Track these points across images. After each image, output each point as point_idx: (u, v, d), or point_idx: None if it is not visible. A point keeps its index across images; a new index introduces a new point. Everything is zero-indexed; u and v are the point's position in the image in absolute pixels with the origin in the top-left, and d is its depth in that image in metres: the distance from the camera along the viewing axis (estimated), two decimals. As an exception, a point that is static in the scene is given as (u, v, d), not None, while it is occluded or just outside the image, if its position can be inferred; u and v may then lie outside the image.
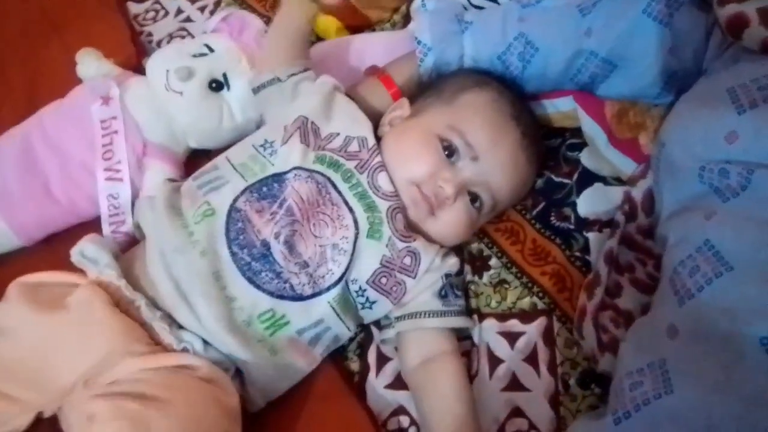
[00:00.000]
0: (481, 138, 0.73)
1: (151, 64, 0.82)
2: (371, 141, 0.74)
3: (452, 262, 0.74)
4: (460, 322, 0.72)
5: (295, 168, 0.70)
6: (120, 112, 0.79)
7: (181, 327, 0.65)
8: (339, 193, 0.70)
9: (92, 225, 0.78)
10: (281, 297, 0.66)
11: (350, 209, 0.69)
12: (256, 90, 0.79)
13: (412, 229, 0.72)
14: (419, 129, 0.75)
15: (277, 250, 0.66)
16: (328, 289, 0.67)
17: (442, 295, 0.71)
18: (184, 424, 0.58)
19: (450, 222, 0.73)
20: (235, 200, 0.68)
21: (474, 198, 0.74)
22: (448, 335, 0.71)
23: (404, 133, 0.76)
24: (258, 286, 0.65)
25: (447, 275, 0.73)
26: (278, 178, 0.70)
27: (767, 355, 0.49)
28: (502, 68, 0.79)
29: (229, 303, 0.65)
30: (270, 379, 0.66)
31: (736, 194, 0.57)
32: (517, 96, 0.79)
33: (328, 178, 0.70)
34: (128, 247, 0.75)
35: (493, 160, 0.73)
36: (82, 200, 0.78)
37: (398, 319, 0.71)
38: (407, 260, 0.70)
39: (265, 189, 0.69)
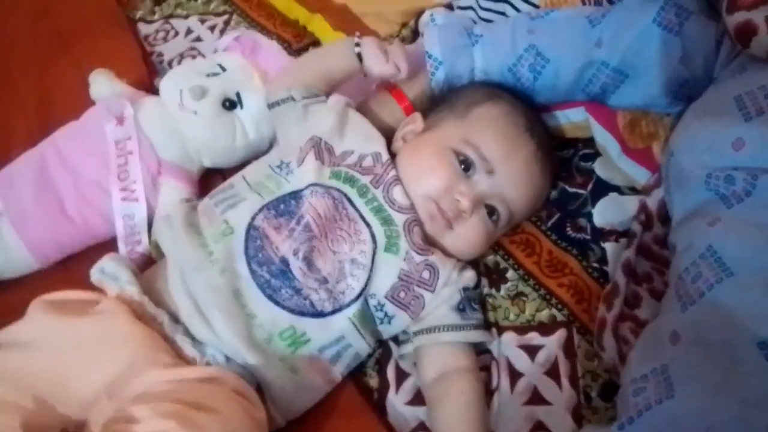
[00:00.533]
0: (495, 151, 0.73)
1: (165, 83, 0.83)
2: (385, 156, 0.74)
3: (469, 276, 0.73)
4: (477, 336, 0.71)
5: (311, 185, 0.70)
6: (134, 132, 0.79)
7: (201, 343, 0.65)
8: (355, 208, 0.70)
9: (107, 245, 0.78)
10: (301, 314, 0.66)
11: (367, 224, 0.69)
12: (270, 106, 0.79)
13: (429, 243, 0.71)
14: (433, 143, 0.75)
15: (296, 266, 0.66)
16: (349, 304, 0.67)
17: (460, 308, 0.71)
18: (228, 429, 0.57)
19: (467, 235, 0.73)
20: (253, 218, 0.68)
21: (491, 211, 0.74)
22: (465, 350, 0.71)
23: (419, 148, 0.76)
24: (278, 303, 0.65)
25: (464, 289, 0.72)
26: (295, 195, 0.70)
27: (765, 359, 0.49)
28: (513, 80, 0.79)
29: (249, 321, 0.65)
30: (290, 398, 0.66)
31: (740, 200, 0.58)
32: (529, 108, 0.80)
33: (344, 194, 0.70)
34: (144, 266, 0.75)
35: (509, 172, 0.73)
36: (96, 219, 0.79)
37: (416, 333, 0.71)
38: (425, 274, 0.70)
39: (282, 206, 0.69)
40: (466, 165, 0.73)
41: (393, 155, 0.76)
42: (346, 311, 0.67)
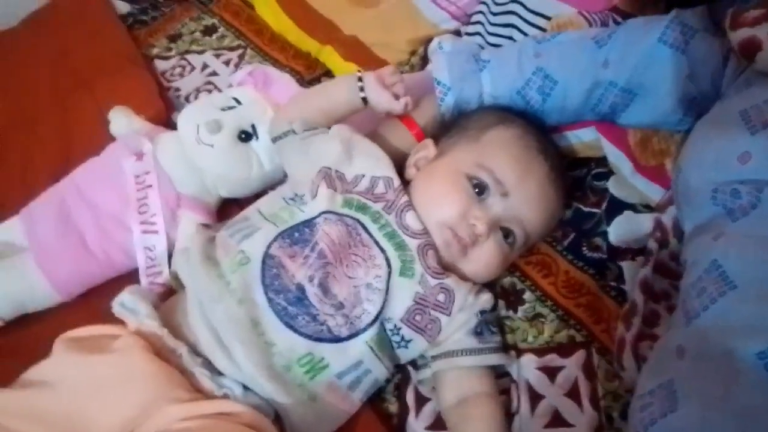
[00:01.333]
0: (509, 174, 0.73)
1: (182, 119, 0.85)
2: (396, 181, 0.75)
3: (485, 299, 0.73)
4: (496, 359, 0.71)
5: (324, 212, 0.71)
6: (153, 166, 0.81)
7: (220, 374, 0.65)
8: (369, 234, 0.71)
9: (129, 278, 0.80)
10: (319, 340, 0.66)
11: (381, 249, 0.70)
12: (273, 140, 0.81)
13: (445, 268, 0.72)
14: (447, 169, 0.75)
15: (312, 293, 0.67)
16: (365, 329, 0.67)
17: (478, 332, 0.71)
18: None
19: (484, 259, 0.73)
20: (268, 247, 0.69)
21: (506, 233, 0.74)
22: (484, 374, 0.71)
23: (432, 174, 0.77)
24: (295, 330, 0.66)
25: (481, 312, 0.72)
26: (308, 223, 0.71)
27: (765, 370, 0.49)
28: (523, 103, 0.80)
29: (268, 349, 0.65)
30: (310, 426, 0.66)
31: (746, 214, 0.58)
32: (541, 130, 0.80)
33: (357, 220, 0.71)
34: (166, 297, 0.76)
35: (524, 194, 0.74)
36: (117, 253, 0.80)
37: (434, 358, 0.71)
38: (441, 297, 0.70)
39: (296, 234, 0.70)
40: (480, 188, 0.73)
41: (405, 182, 0.77)
42: (363, 336, 0.67)
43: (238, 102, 0.85)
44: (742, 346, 0.51)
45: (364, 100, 0.79)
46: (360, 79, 0.79)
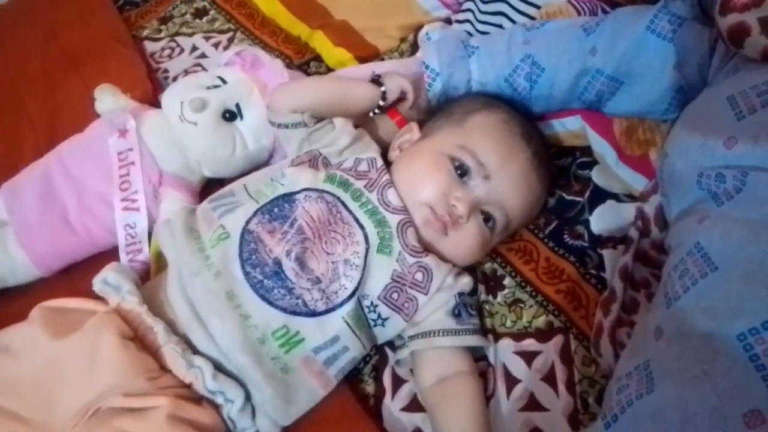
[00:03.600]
0: (492, 157, 0.74)
1: (166, 96, 0.84)
2: (379, 161, 0.75)
3: (465, 281, 0.74)
4: (474, 340, 0.71)
5: (304, 189, 0.71)
6: (136, 143, 0.81)
7: (195, 352, 0.65)
8: (349, 211, 0.71)
9: (109, 255, 0.80)
10: (294, 313, 0.66)
11: (361, 226, 0.70)
12: (278, 126, 0.78)
13: (425, 248, 0.72)
14: (430, 150, 0.76)
15: (289, 267, 0.67)
16: (342, 304, 0.67)
17: (456, 314, 0.71)
18: None
19: (463, 241, 0.73)
20: (248, 222, 0.69)
21: (487, 217, 0.74)
22: (463, 354, 0.71)
23: (415, 155, 0.77)
24: (271, 303, 0.66)
25: (460, 294, 0.73)
26: (288, 198, 0.71)
27: (744, 351, 0.49)
28: (510, 90, 0.80)
29: (243, 321, 0.65)
30: (282, 401, 0.65)
31: (730, 198, 0.58)
32: (525, 117, 0.80)
33: (338, 197, 0.71)
34: (145, 275, 0.76)
35: (506, 178, 0.74)
36: (98, 231, 0.80)
37: (411, 338, 0.71)
38: (418, 276, 0.70)
39: (276, 210, 0.70)
40: (462, 170, 0.73)
41: (388, 164, 0.77)
42: (340, 311, 0.67)
43: (224, 81, 0.84)
44: (723, 328, 0.51)
45: (374, 111, 0.80)
46: (384, 96, 0.79)
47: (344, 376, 0.70)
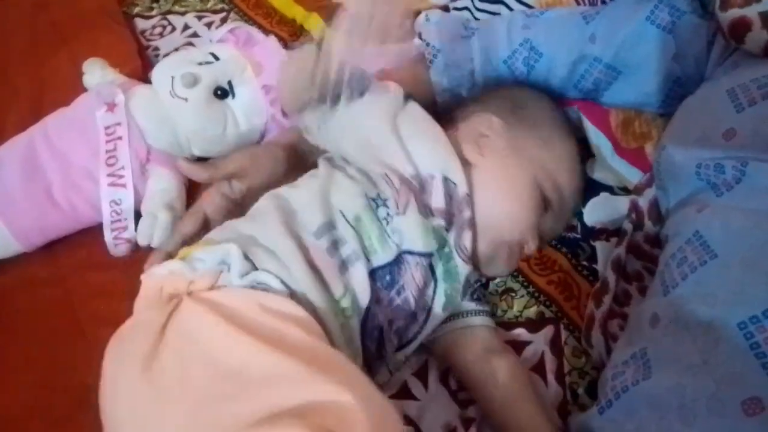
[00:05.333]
0: (567, 195, 0.72)
1: (157, 71, 0.83)
2: (462, 189, 0.64)
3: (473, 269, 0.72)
4: (491, 322, 0.71)
5: (415, 253, 0.61)
6: (125, 118, 0.79)
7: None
8: (434, 276, 0.63)
9: (94, 231, 0.78)
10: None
11: (435, 279, 0.63)
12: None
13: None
14: (524, 175, 0.68)
15: (389, 337, 0.61)
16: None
17: (475, 297, 0.71)
18: None
19: (511, 266, 0.73)
20: (371, 293, 0.59)
21: None
22: (495, 333, 0.70)
23: (507, 176, 0.67)
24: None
25: (477, 281, 0.72)
26: (400, 258, 0.61)
27: (745, 339, 0.48)
28: (508, 73, 0.79)
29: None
30: None
31: (730, 188, 0.57)
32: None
33: (431, 258, 0.62)
34: (130, 253, 0.74)
35: (564, 212, 0.74)
36: (83, 206, 0.78)
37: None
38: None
39: (388, 277, 0.60)
40: (546, 205, 0.71)
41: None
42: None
43: (216, 58, 0.83)
44: (723, 316, 0.51)
45: None
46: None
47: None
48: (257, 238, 0.58)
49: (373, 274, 0.59)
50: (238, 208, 0.69)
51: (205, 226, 0.69)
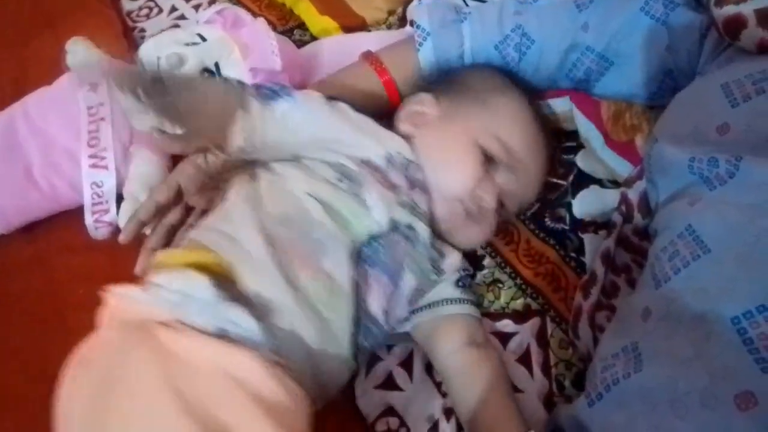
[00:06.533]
0: (521, 148, 0.71)
1: (143, 51, 0.81)
2: (408, 156, 0.68)
3: (461, 258, 0.72)
4: (476, 312, 0.70)
5: (390, 231, 0.63)
6: (108, 99, 0.77)
7: None
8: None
9: (74, 214, 0.76)
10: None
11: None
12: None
13: (437, 236, 0.69)
14: (461, 138, 0.70)
15: (382, 320, 0.62)
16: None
17: (460, 285, 0.70)
18: None
19: (482, 232, 0.72)
20: (353, 275, 0.60)
21: (500, 205, 0.72)
22: (481, 324, 0.70)
23: (444, 140, 0.71)
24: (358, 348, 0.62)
25: (463, 269, 0.72)
26: (377, 239, 0.62)
27: (737, 334, 0.48)
28: (499, 58, 0.78)
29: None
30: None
31: (723, 182, 0.57)
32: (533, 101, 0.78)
33: (413, 228, 0.65)
34: (110, 237, 0.72)
35: (528, 172, 0.73)
36: (63, 187, 0.76)
37: (414, 312, 0.69)
38: (433, 276, 0.69)
39: (372, 255, 0.62)
40: (491, 160, 0.70)
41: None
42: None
43: (203, 39, 0.81)
44: (716, 311, 0.50)
45: None
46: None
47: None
48: (236, 240, 0.57)
49: (360, 254, 0.60)
50: (212, 180, 0.69)
51: (179, 196, 0.69)
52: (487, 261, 0.77)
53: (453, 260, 0.71)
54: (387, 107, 0.78)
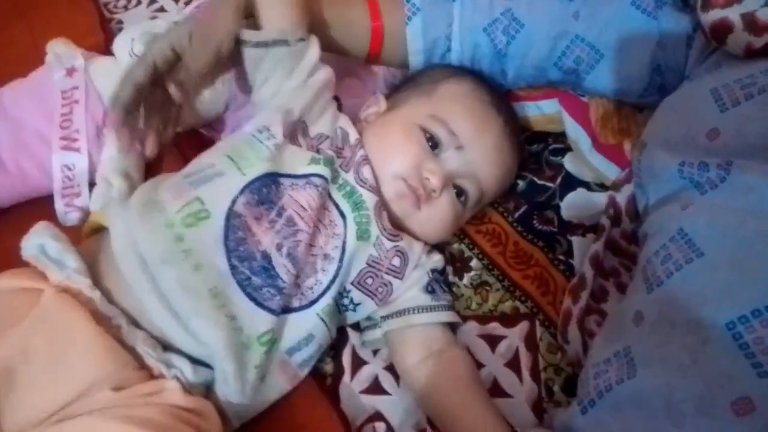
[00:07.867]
0: (464, 126, 0.70)
1: (118, 39, 0.78)
2: (353, 135, 0.70)
3: (437, 258, 0.71)
4: (449, 317, 0.68)
5: (291, 175, 0.63)
6: (83, 82, 0.74)
7: (166, 348, 0.56)
8: (331, 197, 0.65)
9: (43, 200, 0.72)
10: (280, 314, 0.59)
11: (341, 214, 0.65)
12: (255, 45, 0.65)
13: (397, 227, 0.68)
14: (399, 121, 0.72)
15: (280, 263, 0.59)
16: (317, 300, 0.62)
17: (430, 290, 0.68)
18: None
19: (436, 217, 0.69)
20: (234, 202, 0.59)
21: (459, 191, 0.71)
22: (445, 329, 0.67)
23: (385, 126, 0.73)
24: (260, 305, 0.58)
25: (433, 270, 0.69)
26: (276, 179, 0.62)
27: (733, 340, 0.48)
28: (488, 41, 0.76)
29: (228, 323, 0.56)
30: (251, 403, 0.59)
31: (714, 186, 0.56)
32: (493, 86, 0.78)
33: (327, 180, 0.64)
34: (82, 222, 0.68)
35: (479, 148, 0.71)
36: (33, 170, 0.72)
37: (385, 318, 0.67)
38: (396, 261, 0.66)
39: (264, 190, 0.61)
40: (434, 142, 0.70)
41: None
42: (315, 307, 0.61)
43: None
44: (711, 315, 0.49)
45: None
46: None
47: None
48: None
49: (251, 187, 0.61)
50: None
51: (158, 75, 0.64)
52: (474, 263, 0.75)
53: (435, 261, 0.70)
54: (363, 51, 0.77)
